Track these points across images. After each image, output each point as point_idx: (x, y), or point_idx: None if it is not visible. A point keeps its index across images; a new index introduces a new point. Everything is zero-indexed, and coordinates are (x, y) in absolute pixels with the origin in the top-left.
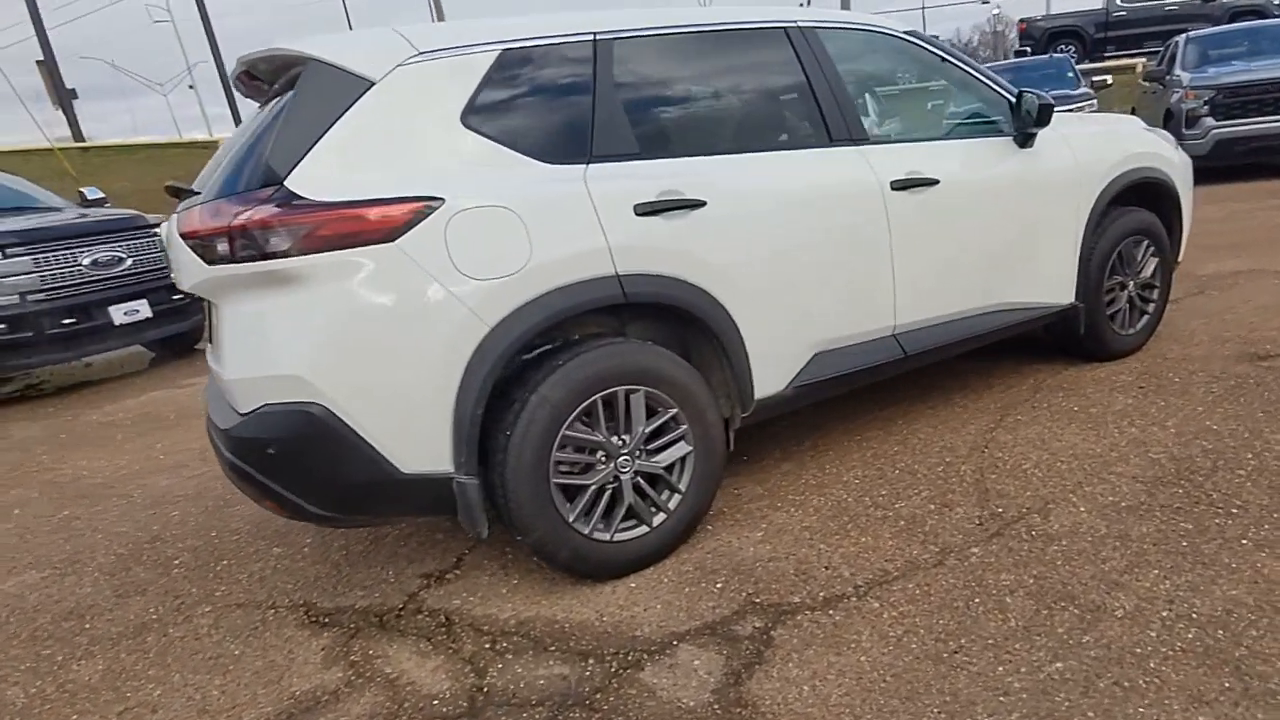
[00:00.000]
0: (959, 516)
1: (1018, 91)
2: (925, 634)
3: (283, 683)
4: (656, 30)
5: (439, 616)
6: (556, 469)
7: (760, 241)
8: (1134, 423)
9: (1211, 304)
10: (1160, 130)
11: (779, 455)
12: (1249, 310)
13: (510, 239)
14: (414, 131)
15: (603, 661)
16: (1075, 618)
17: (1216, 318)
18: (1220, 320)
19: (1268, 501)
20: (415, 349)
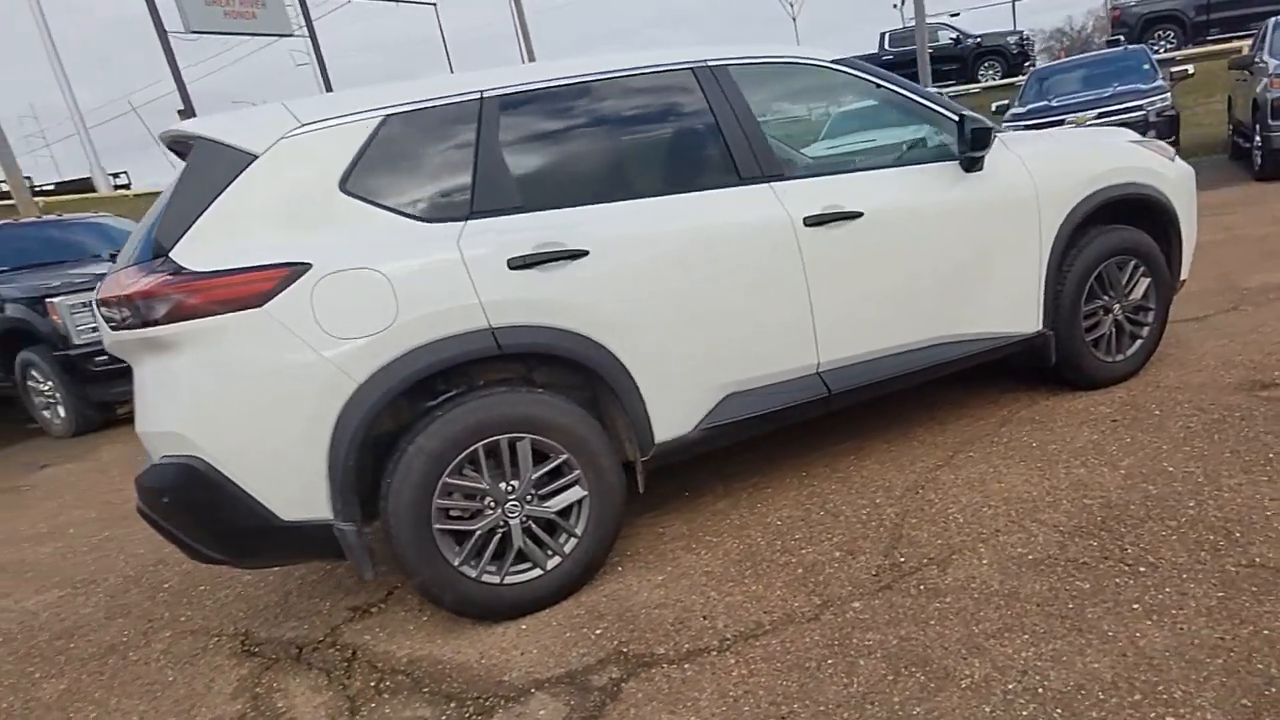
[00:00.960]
0: (859, 566)
1: (958, 115)
2: (764, 696)
3: (192, 712)
4: (548, 83)
5: (346, 651)
6: (440, 515)
7: (650, 287)
8: (1086, 462)
9: (1241, 322)
10: (1154, 142)
11: (720, 491)
12: (1278, 330)
13: (377, 299)
14: (295, 200)
15: (462, 706)
16: (918, 685)
17: (1239, 338)
18: (1241, 341)
19: (1184, 560)
20: (285, 406)
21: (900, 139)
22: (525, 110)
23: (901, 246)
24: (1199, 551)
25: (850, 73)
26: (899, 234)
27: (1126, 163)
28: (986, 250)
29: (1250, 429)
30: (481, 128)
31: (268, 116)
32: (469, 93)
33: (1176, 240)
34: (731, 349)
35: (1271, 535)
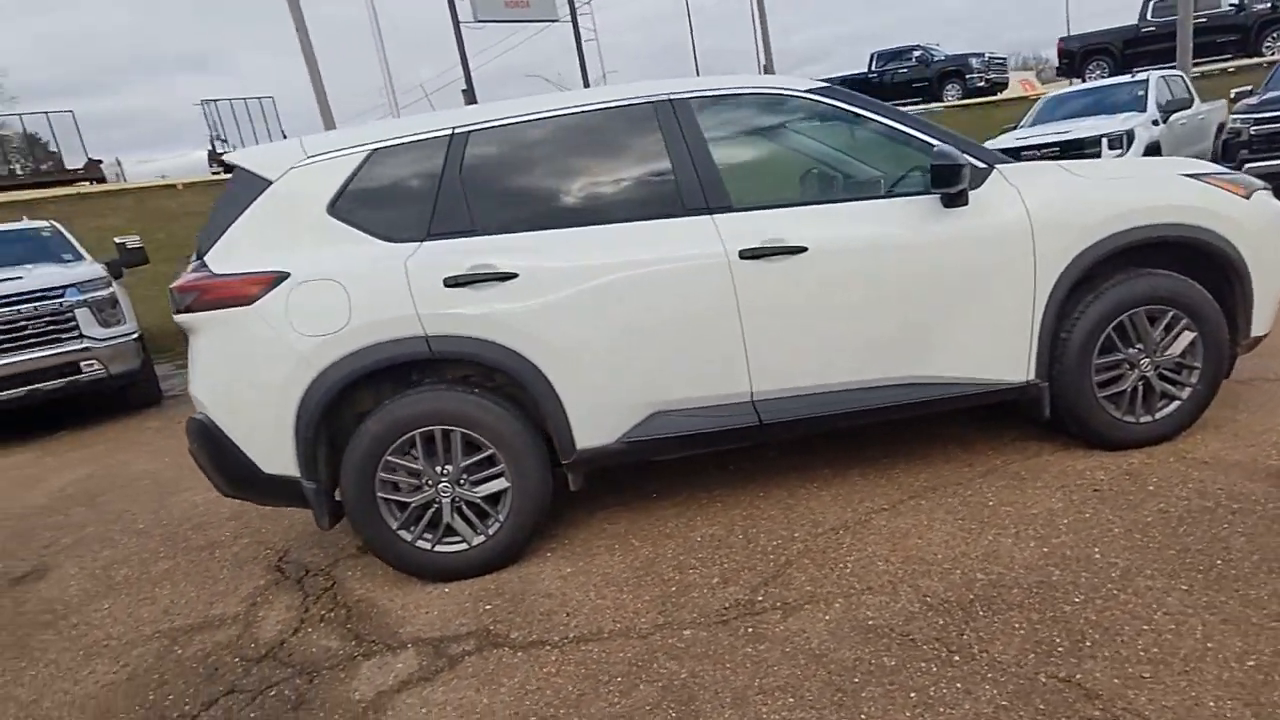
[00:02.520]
0: (721, 596)
1: (933, 148)
2: (548, 696)
3: (213, 604)
4: (514, 119)
5: (329, 582)
6: (384, 485)
7: (574, 309)
8: (1021, 532)
9: None
10: (1233, 175)
11: (680, 498)
12: None
13: (335, 305)
14: (293, 219)
15: (359, 644)
16: (665, 718)
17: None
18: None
19: (1006, 658)
20: (263, 384)
21: (878, 171)
22: (487, 144)
23: (852, 282)
24: (1029, 653)
25: (828, 101)
26: (849, 269)
27: (1167, 200)
28: (963, 291)
29: (1228, 528)
30: (448, 160)
31: (285, 149)
32: (443, 129)
33: (1242, 290)
34: (657, 371)
35: (1120, 654)
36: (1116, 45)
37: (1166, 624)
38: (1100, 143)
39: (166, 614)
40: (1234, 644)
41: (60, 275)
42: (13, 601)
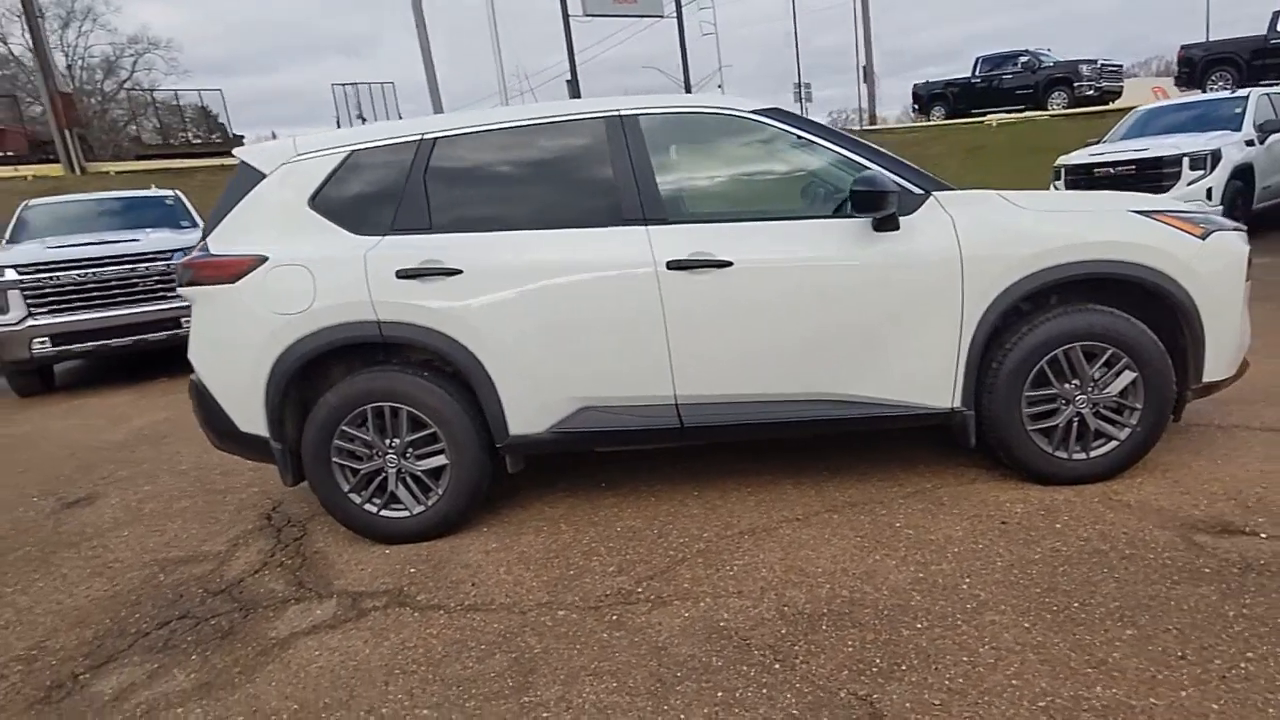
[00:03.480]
0: (607, 585)
1: (860, 174)
2: (420, 653)
3: (204, 543)
4: (476, 128)
5: (301, 534)
6: (337, 451)
7: (512, 306)
8: (909, 556)
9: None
10: (1185, 210)
11: (622, 490)
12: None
13: (303, 288)
14: (279, 209)
15: (298, 590)
16: (507, 686)
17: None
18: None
19: (824, 672)
20: (241, 354)
21: (813, 192)
22: (451, 150)
23: (774, 299)
24: (844, 670)
25: (769, 123)
26: (773, 285)
27: (1104, 236)
28: (887, 315)
29: (1106, 573)
30: (414, 163)
31: (280, 147)
32: (414, 134)
33: (1191, 332)
34: (587, 368)
35: (926, 681)
36: (1242, 56)
37: (987, 657)
38: (1181, 162)
39: (167, 545)
40: (1039, 684)
41: (172, 240)
42: (55, 522)
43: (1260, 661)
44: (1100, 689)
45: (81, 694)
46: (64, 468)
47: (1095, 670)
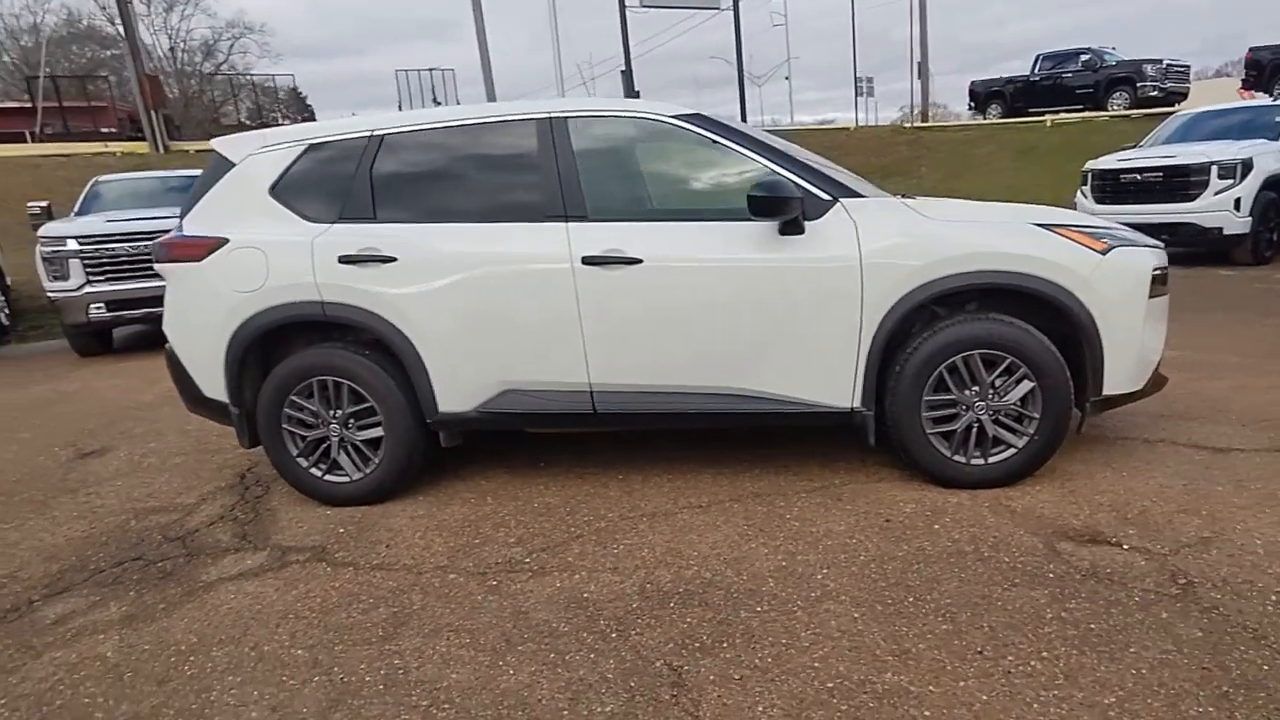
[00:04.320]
0: (502, 554)
1: (760, 180)
2: (315, 603)
3: (179, 496)
4: (421, 126)
5: (262, 493)
6: (287, 419)
7: (441, 292)
8: (784, 546)
9: (1257, 469)
10: (1087, 224)
11: (560, 469)
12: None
13: (258, 269)
14: (244, 196)
15: (239, 542)
16: (376, 634)
17: (1205, 485)
18: (1203, 491)
19: (650, 643)
20: (205, 326)
21: (728, 195)
22: (397, 146)
23: (681, 296)
24: (670, 643)
25: (688, 128)
26: (679, 284)
27: (999, 248)
28: (789, 316)
29: (955, 573)
30: (363, 157)
31: (250, 139)
32: (365, 130)
33: (1089, 345)
34: (509, 354)
35: (739, 658)
36: None
37: (804, 641)
38: (1209, 171)
39: (148, 496)
40: (838, 668)
41: None
42: (65, 471)
43: (1050, 661)
44: (890, 675)
45: (30, 617)
46: (92, 423)
47: (895, 659)
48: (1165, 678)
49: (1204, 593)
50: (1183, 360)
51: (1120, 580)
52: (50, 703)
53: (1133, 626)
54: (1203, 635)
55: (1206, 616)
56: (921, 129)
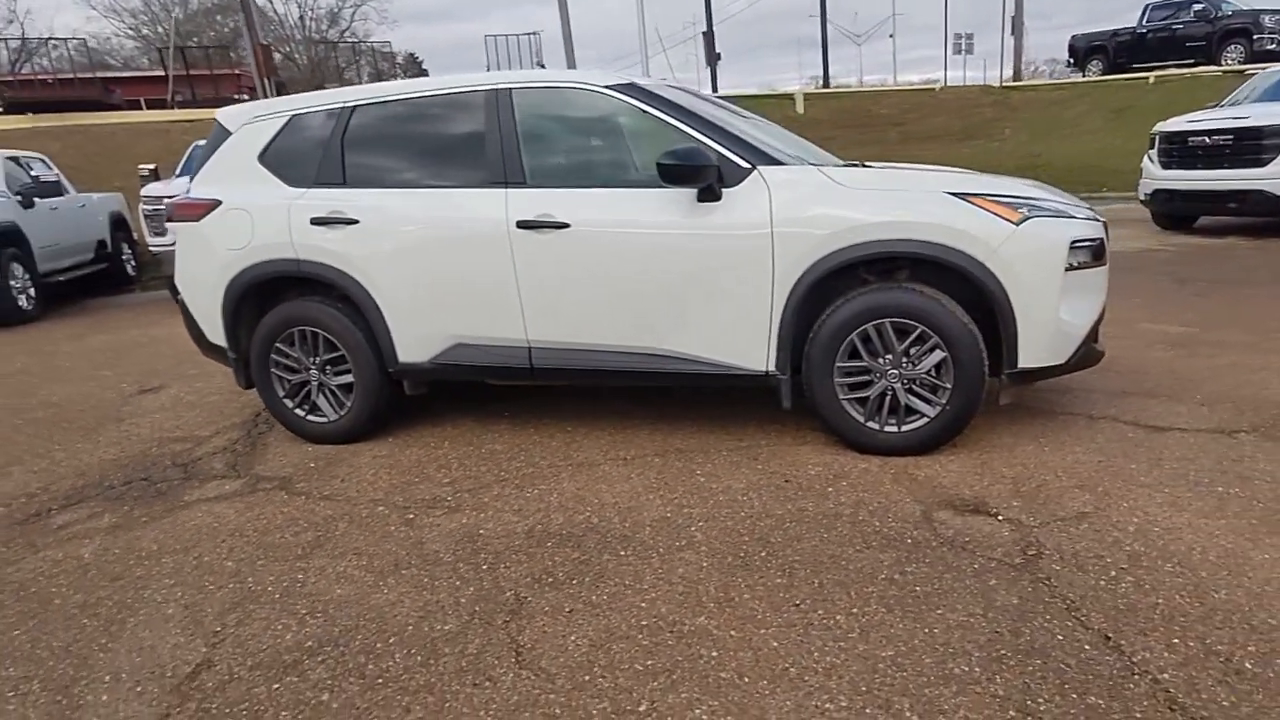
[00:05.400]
0: (432, 492)
1: (670, 149)
2: (261, 523)
3: (202, 427)
4: (387, 98)
5: (266, 429)
6: (274, 364)
7: (398, 252)
8: (677, 499)
9: (1202, 452)
10: (1005, 194)
11: (519, 419)
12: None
13: (244, 228)
14: (237, 162)
15: (230, 470)
16: (300, 547)
17: (1115, 462)
18: (1110, 466)
19: (511, 575)
20: (204, 279)
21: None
22: (365, 116)
23: (605, 259)
24: (528, 576)
25: (619, 97)
26: (602, 247)
27: (908, 216)
28: (706, 280)
29: (819, 533)
30: (336, 127)
31: (245, 110)
32: (340, 102)
33: (1001, 316)
34: (457, 309)
35: (576, 594)
36: None
37: (644, 584)
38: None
39: (176, 427)
40: (660, 609)
41: None
42: (121, 403)
43: (856, 617)
44: (702, 619)
45: (44, 522)
46: (162, 364)
47: (716, 605)
48: (953, 639)
49: (1045, 565)
50: (1185, 336)
51: (972, 549)
52: (26, 589)
53: (955, 591)
54: (1017, 603)
55: (1032, 586)
56: (1011, 88)
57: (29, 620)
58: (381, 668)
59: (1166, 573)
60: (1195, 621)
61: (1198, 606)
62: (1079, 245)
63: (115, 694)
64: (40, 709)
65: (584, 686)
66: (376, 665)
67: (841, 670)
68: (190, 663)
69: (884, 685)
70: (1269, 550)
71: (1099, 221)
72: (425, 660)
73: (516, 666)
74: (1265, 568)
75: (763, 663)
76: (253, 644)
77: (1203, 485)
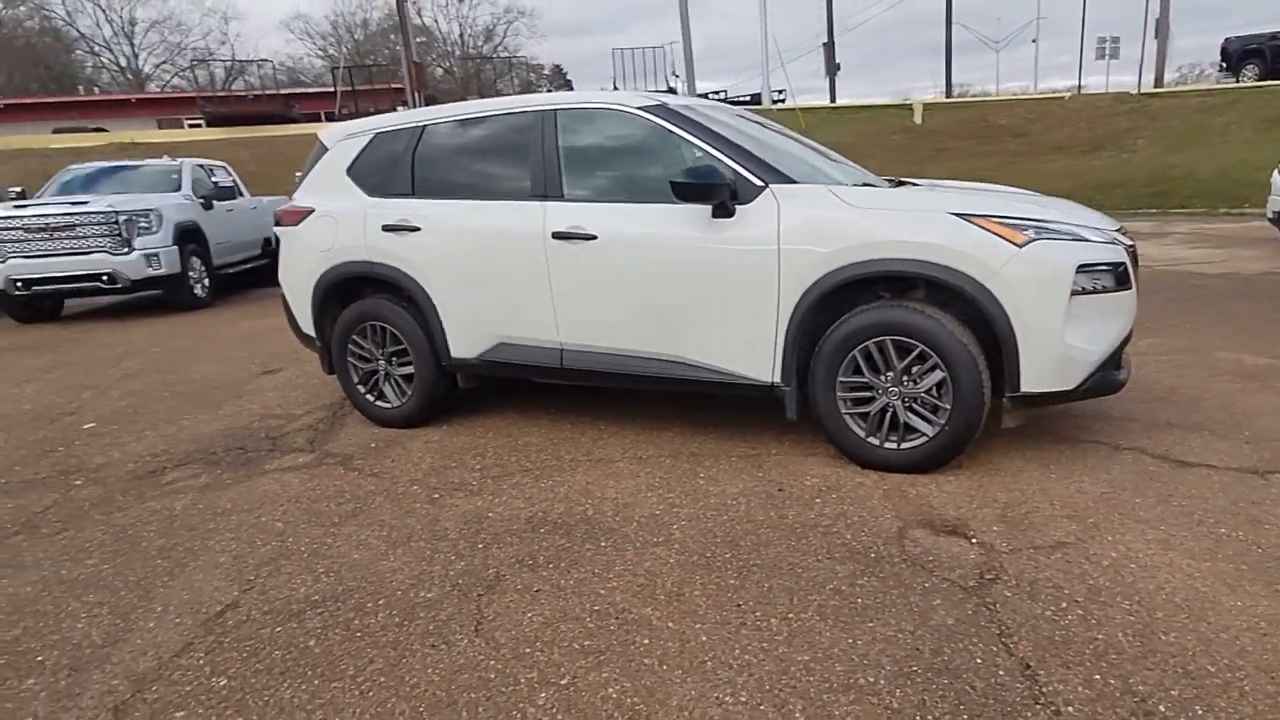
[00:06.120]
0: (460, 477)
1: (686, 168)
2: (315, 493)
3: (297, 406)
4: (453, 118)
5: (350, 413)
6: (351, 354)
7: (452, 257)
8: (669, 498)
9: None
10: (1009, 215)
11: (555, 415)
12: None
13: (329, 233)
14: (330, 174)
15: (307, 445)
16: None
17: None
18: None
19: (471, 555)
20: (299, 276)
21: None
22: (435, 133)
23: (627, 269)
24: (513, 558)
25: (648, 118)
26: (626, 258)
27: (910, 237)
28: (718, 292)
29: (786, 543)
30: (409, 144)
31: (341, 129)
32: (415, 121)
33: (1002, 339)
34: (501, 311)
35: (541, 574)
36: None
37: (612, 574)
38: None
39: (279, 405)
40: (615, 596)
41: None
42: (245, 382)
43: (790, 621)
44: (648, 609)
45: (157, 478)
46: (285, 349)
47: (666, 598)
48: (872, 651)
49: (997, 590)
50: (1263, 369)
51: (930, 568)
52: (125, 532)
53: (895, 606)
54: (952, 624)
55: (974, 610)
56: (1151, 95)
57: (118, 557)
58: (365, 623)
59: (1120, 609)
60: (1128, 660)
61: (1138, 646)
62: (1090, 269)
63: (161, 622)
64: (102, 629)
65: (522, 657)
66: (361, 621)
67: (754, 669)
68: (222, 603)
69: (787, 687)
70: (1245, 598)
71: (1120, 245)
72: (401, 621)
73: (473, 634)
74: (1230, 614)
75: (685, 654)
76: (273, 593)
77: (1205, 525)
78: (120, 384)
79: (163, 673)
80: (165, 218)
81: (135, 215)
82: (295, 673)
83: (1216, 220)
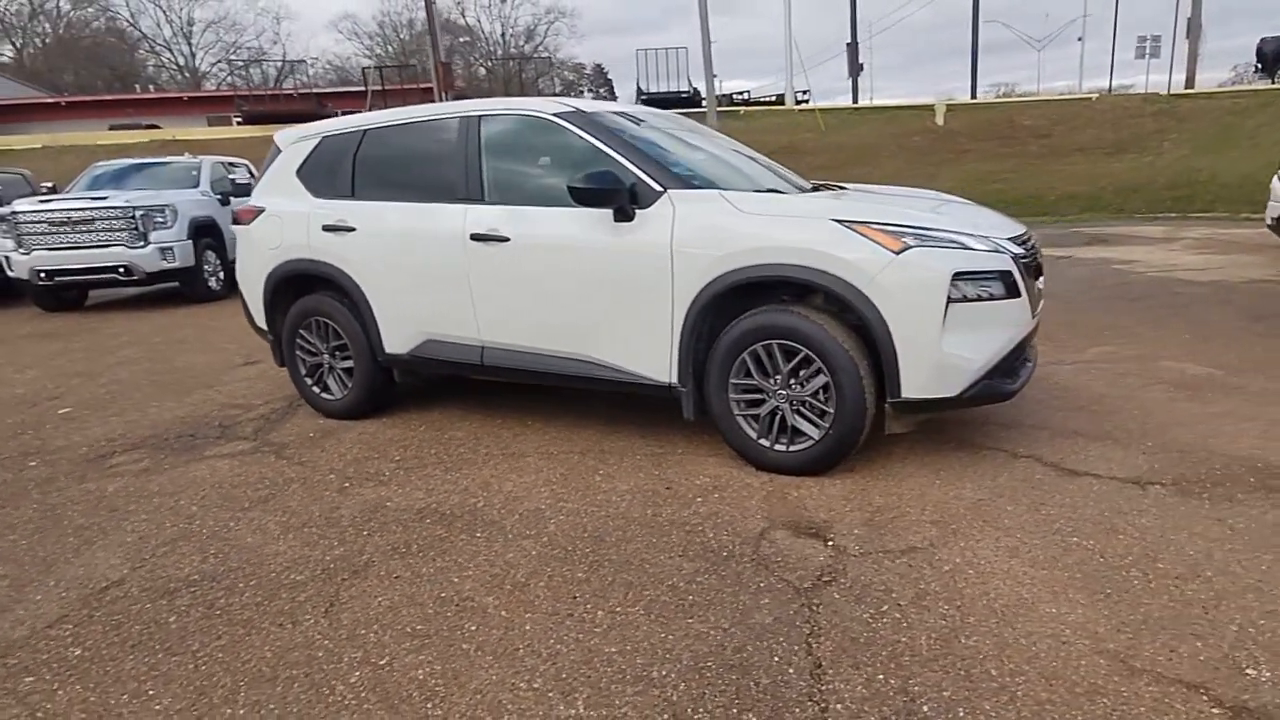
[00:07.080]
0: (379, 467)
1: (582, 173)
2: (252, 480)
3: (260, 398)
4: (390, 123)
5: (303, 404)
6: (299, 349)
7: (384, 257)
8: (561, 493)
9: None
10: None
11: (491, 412)
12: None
13: (277, 232)
14: (281, 177)
15: (251, 436)
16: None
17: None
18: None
19: (366, 542)
20: (251, 272)
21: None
22: (374, 138)
23: (536, 271)
24: (404, 544)
25: (561, 124)
26: (536, 260)
27: (789, 242)
28: (619, 294)
29: (652, 540)
30: (351, 147)
31: (294, 132)
32: (359, 125)
33: (880, 344)
34: (428, 310)
35: (426, 556)
36: None
37: (474, 564)
38: None
39: (241, 396)
40: (464, 586)
41: None
42: (221, 373)
43: (616, 615)
44: (490, 597)
45: (103, 462)
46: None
47: (512, 588)
48: (678, 647)
49: (828, 593)
50: (1201, 379)
51: (774, 569)
52: (53, 510)
53: (722, 605)
54: (769, 623)
55: (796, 611)
56: (1180, 96)
57: (37, 534)
58: (229, 602)
59: (937, 614)
60: (918, 663)
61: (935, 649)
62: (970, 277)
63: (49, 595)
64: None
65: (355, 638)
66: (226, 600)
67: (560, 658)
68: (109, 580)
69: (581, 676)
70: (1062, 605)
71: (1005, 254)
72: (263, 601)
73: (321, 616)
74: (1040, 621)
75: (504, 641)
76: (160, 572)
77: (1061, 534)
78: (110, 371)
79: (30, 641)
80: (180, 213)
81: (151, 210)
82: (145, 646)
83: (1235, 225)
